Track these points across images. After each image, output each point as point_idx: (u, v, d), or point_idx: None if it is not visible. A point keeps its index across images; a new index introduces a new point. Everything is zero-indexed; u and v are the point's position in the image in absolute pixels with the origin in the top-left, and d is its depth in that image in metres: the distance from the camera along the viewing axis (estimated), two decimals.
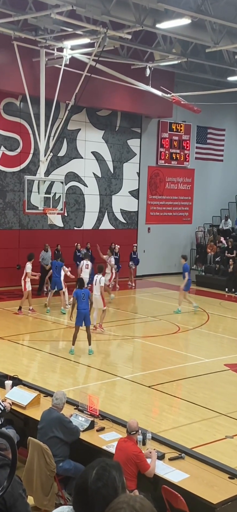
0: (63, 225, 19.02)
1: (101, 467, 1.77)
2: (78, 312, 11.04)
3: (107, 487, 1.72)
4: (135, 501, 1.58)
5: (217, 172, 23.62)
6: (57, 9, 12.38)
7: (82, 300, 11.04)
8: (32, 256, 14.76)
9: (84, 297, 11.09)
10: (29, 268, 14.40)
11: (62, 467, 5.90)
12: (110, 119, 19.90)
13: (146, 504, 1.58)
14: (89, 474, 1.76)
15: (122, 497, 1.61)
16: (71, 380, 9.93)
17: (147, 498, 1.64)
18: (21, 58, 15.28)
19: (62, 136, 17.67)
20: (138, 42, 15.85)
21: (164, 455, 5.81)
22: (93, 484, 1.73)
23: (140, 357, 12.18)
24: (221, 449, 7.04)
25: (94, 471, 1.77)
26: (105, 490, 1.71)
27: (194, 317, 15.48)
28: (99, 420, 6.56)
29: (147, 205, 21.61)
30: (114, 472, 1.77)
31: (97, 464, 1.80)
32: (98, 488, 1.72)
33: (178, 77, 19.66)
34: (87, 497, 1.72)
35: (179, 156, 22.10)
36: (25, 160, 17.91)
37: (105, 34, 13.15)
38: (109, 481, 1.74)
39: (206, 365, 10.99)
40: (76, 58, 15.61)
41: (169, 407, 8.78)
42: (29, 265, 14.44)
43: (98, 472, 1.76)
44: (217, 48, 14.37)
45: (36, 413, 6.53)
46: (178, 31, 13.87)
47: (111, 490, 1.71)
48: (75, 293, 11.21)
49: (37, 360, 11.16)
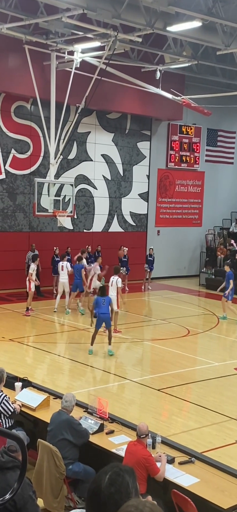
0: (73, 227, 19.07)
1: (114, 472, 1.76)
2: (98, 316, 11.21)
3: (120, 492, 1.71)
4: (144, 505, 1.56)
5: (227, 175, 23.52)
6: (68, 13, 12.44)
7: (102, 305, 11.13)
8: (36, 257, 15.01)
9: (105, 302, 11.16)
10: (33, 268, 14.54)
11: (71, 470, 5.90)
12: (120, 122, 19.92)
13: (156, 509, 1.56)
14: (103, 479, 1.75)
15: (131, 501, 1.59)
16: (80, 382, 9.94)
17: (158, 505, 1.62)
18: (32, 62, 15.37)
19: (72, 139, 17.73)
20: (148, 45, 15.86)
21: (174, 459, 5.78)
22: (106, 489, 1.72)
23: (149, 360, 12.14)
24: (231, 454, 6.98)
25: (107, 476, 1.75)
26: (118, 495, 1.70)
27: (204, 320, 15.41)
28: (109, 423, 6.55)
29: (157, 208, 21.58)
30: (128, 477, 1.76)
31: (110, 469, 1.78)
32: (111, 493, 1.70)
33: (188, 79, 19.62)
34: (100, 502, 1.71)
35: (189, 158, 22.05)
36: (35, 163, 18.01)
37: (115, 37, 13.18)
38: (123, 486, 1.72)
39: (216, 368, 10.93)
40: (86, 61, 15.67)
41: (178, 411, 8.74)
42: (33, 266, 14.59)
43: (112, 477, 1.75)
44: (228, 51, 14.32)
45: (46, 415, 6.53)
46: (189, 34, 13.85)
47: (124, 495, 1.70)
48: (96, 300, 11.36)
49: (46, 362, 11.18)
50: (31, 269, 14.60)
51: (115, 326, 12.85)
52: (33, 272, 14.58)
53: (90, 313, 11.71)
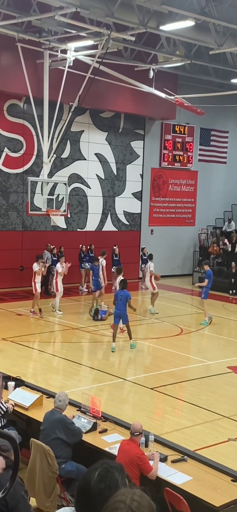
0: (66, 226, 19.04)
1: (104, 469, 1.77)
2: (115, 312, 11.81)
3: (110, 488, 1.71)
4: (132, 500, 1.54)
5: (220, 174, 23.60)
6: (61, 11, 12.40)
7: (120, 301, 11.58)
8: (39, 257, 14.94)
9: (122, 298, 11.58)
10: (36, 267, 14.44)
11: (64, 469, 5.90)
12: (113, 121, 19.91)
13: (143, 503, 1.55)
14: (92, 476, 1.75)
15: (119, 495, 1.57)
16: (73, 381, 9.93)
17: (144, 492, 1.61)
18: (25, 60, 15.32)
19: (66, 137, 17.70)
20: (141, 44, 15.86)
21: (167, 457, 5.80)
22: (96, 485, 1.72)
23: (142, 359, 12.16)
24: (224, 452, 7.02)
25: (97, 473, 1.76)
26: (108, 491, 1.70)
27: (197, 319, 15.46)
28: (102, 422, 6.55)
29: (150, 207, 21.61)
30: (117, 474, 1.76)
31: (100, 465, 1.79)
32: (101, 489, 1.71)
33: (181, 79, 19.66)
34: (89, 498, 1.71)
35: (182, 158, 22.10)
36: (28, 162, 17.95)
37: (109, 36, 13.17)
38: (112, 482, 1.73)
39: (209, 367, 10.97)
40: (80, 60, 15.64)
41: (171, 409, 8.76)
42: (36, 264, 14.52)
43: (101, 473, 1.75)
44: (220, 50, 14.37)
45: (39, 415, 6.52)
46: (182, 33, 13.88)
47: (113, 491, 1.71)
48: (115, 294, 12.07)
49: (40, 361, 11.16)
50: (35, 267, 14.47)
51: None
52: (38, 270, 14.36)
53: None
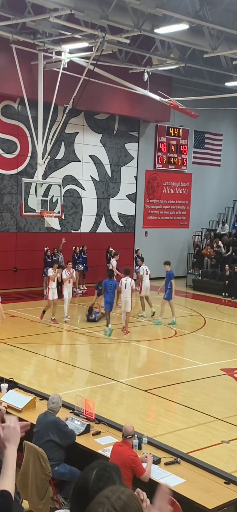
0: (61, 228, 19.01)
1: (101, 468, 1.77)
2: (105, 300, 13.17)
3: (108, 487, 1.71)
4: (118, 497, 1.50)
5: (214, 177, 23.69)
6: (55, 13, 12.40)
7: (109, 290, 12.99)
8: (55, 262, 14.64)
9: (112, 287, 12.97)
10: (51, 271, 13.85)
11: (57, 471, 5.89)
12: (108, 123, 19.93)
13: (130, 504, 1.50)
14: (90, 475, 1.75)
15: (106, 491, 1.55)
16: (67, 383, 9.91)
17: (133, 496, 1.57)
18: (20, 61, 15.30)
19: (60, 139, 17.68)
20: (136, 46, 15.90)
21: (160, 459, 5.80)
22: (95, 484, 1.72)
23: (136, 361, 12.16)
24: (217, 454, 7.04)
25: (94, 472, 1.75)
26: None
27: (191, 321, 15.49)
28: (95, 424, 6.55)
29: (144, 209, 21.64)
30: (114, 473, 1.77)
31: (97, 465, 1.79)
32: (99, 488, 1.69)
33: (175, 82, 19.72)
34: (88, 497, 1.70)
35: (176, 160, 22.15)
36: (22, 163, 17.92)
37: (103, 38, 13.19)
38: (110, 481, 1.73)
39: (203, 369, 10.99)
40: (74, 62, 15.64)
41: (165, 412, 8.77)
42: (51, 269, 13.99)
43: (99, 473, 1.75)
44: (214, 54, 14.43)
45: (32, 417, 6.50)
46: (176, 36, 13.93)
47: None
48: (104, 283, 13.13)
49: (33, 363, 11.13)
50: (49, 272, 13.89)
51: (126, 327, 13.41)
52: (52, 276, 13.62)
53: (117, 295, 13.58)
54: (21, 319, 14.34)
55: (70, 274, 14.22)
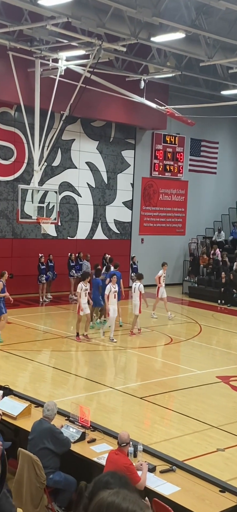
0: (57, 234, 19.01)
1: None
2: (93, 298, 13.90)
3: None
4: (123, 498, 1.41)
5: (210, 185, 23.78)
6: (52, 21, 12.46)
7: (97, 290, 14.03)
8: (86, 275, 13.26)
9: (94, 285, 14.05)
10: (80, 287, 12.76)
11: (52, 479, 5.85)
12: (104, 130, 19.99)
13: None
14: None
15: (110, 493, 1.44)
16: (62, 390, 9.87)
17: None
18: (16, 68, 15.34)
19: (57, 146, 17.72)
20: (132, 54, 15.99)
21: (155, 467, 5.78)
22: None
23: (132, 368, 12.14)
24: (212, 462, 7.02)
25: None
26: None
27: (187, 328, 15.49)
28: (91, 432, 6.52)
29: (141, 216, 21.67)
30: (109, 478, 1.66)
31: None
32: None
33: (172, 90, 19.83)
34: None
35: (172, 168, 22.23)
36: (19, 169, 17.92)
37: (100, 46, 13.25)
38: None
39: (198, 377, 10.98)
40: (71, 69, 15.70)
41: (160, 419, 8.74)
42: (81, 285, 12.84)
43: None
44: (211, 63, 14.53)
45: (27, 424, 6.47)
46: (173, 45, 14.02)
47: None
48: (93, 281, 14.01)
49: (28, 370, 11.09)
50: (79, 288, 12.70)
51: (132, 328, 13.83)
52: (81, 292, 12.53)
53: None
54: (16, 325, 14.29)
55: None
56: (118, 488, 1.48)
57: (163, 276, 16.10)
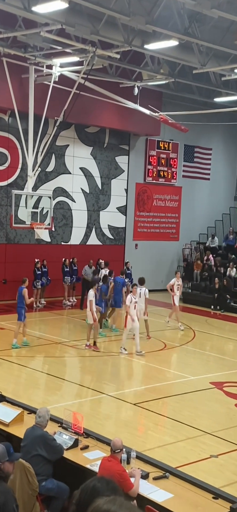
0: (51, 240, 18.99)
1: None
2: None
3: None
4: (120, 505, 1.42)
5: (204, 191, 23.89)
6: (46, 28, 12.49)
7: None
8: (94, 282, 13.15)
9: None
10: (92, 295, 12.60)
11: (45, 486, 5.82)
12: (98, 136, 20.04)
13: None
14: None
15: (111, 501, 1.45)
16: (56, 397, 9.84)
17: None
18: (10, 74, 15.36)
19: (51, 151, 17.73)
20: (126, 61, 16.06)
21: (148, 474, 5.77)
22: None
23: (125, 374, 12.12)
24: (206, 469, 7.02)
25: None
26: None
27: (180, 334, 15.51)
28: (84, 438, 6.50)
29: (135, 222, 21.71)
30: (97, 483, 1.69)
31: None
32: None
33: (165, 96, 19.93)
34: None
35: (166, 173, 22.31)
36: (13, 175, 17.91)
37: (94, 53, 13.31)
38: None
39: (192, 383, 10.99)
40: (65, 76, 15.74)
41: (154, 425, 8.74)
42: (92, 292, 12.70)
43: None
44: (204, 70, 14.64)
45: (20, 431, 6.44)
46: (166, 52, 14.11)
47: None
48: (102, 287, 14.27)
49: (21, 376, 11.04)
50: (90, 296, 12.53)
51: (147, 333, 14.08)
52: (92, 300, 12.42)
53: None
54: (10, 331, 14.23)
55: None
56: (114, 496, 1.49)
57: (176, 284, 15.86)
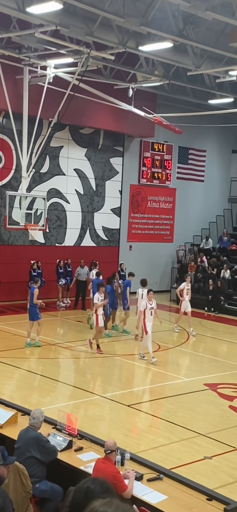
0: (45, 241, 18.94)
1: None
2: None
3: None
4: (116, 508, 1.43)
5: (198, 192, 23.95)
6: (41, 29, 12.48)
7: None
8: (101, 285, 12.88)
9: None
10: (97, 298, 12.50)
11: (38, 488, 5.80)
12: (93, 137, 20.04)
13: None
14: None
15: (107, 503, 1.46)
16: (50, 398, 9.81)
17: None
18: (5, 75, 15.31)
19: (45, 152, 17.70)
20: (120, 63, 16.08)
21: (142, 476, 5.76)
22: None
23: (119, 376, 12.11)
24: (200, 470, 7.03)
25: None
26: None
27: (175, 336, 15.53)
28: (78, 440, 6.48)
29: (129, 223, 21.73)
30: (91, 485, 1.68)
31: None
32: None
33: (160, 98, 19.97)
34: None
35: (160, 175, 22.35)
36: (7, 176, 17.85)
37: (88, 54, 13.31)
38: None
39: (186, 384, 11.00)
40: (59, 77, 15.72)
41: (148, 427, 8.73)
42: (97, 295, 12.63)
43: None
44: (198, 72, 14.68)
45: (13, 432, 6.41)
46: (160, 54, 14.13)
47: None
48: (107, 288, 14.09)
49: (15, 378, 10.99)
50: (95, 299, 12.42)
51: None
52: (98, 302, 12.28)
53: None
54: (3, 332, 14.18)
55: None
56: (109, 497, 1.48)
57: (186, 289, 15.43)
